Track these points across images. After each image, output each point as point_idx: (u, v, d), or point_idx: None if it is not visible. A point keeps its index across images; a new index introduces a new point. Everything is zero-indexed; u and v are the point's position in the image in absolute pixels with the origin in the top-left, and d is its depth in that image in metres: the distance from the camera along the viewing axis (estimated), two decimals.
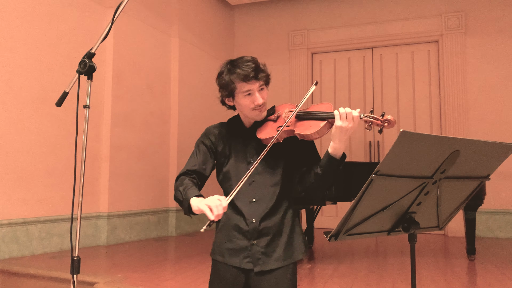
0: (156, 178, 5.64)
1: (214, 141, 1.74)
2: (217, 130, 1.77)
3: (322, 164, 1.57)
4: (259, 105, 1.64)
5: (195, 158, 1.74)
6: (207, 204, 1.46)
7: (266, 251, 1.63)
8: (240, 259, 1.65)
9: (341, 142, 1.52)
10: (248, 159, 1.69)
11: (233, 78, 1.61)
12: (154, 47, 5.68)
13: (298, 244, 1.69)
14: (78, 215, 1.60)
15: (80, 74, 1.59)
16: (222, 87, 1.67)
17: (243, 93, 1.63)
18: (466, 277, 3.65)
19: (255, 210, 1.65)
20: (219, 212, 1.43)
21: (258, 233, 1.64)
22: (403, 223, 1.40)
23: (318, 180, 1.59)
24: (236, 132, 1.75)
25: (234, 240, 1.66)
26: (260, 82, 1.63)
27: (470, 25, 6.21)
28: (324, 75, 7.03)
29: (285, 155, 1.68)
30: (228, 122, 1.80)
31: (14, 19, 4.09)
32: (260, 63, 1.68)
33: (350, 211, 1.29)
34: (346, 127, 1.48)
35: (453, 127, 6.12)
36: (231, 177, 1.70)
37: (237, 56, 1.72)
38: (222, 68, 1.68)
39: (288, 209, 1.70)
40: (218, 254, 1.71)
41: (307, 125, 1.58)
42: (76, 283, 1.56)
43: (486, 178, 1.40)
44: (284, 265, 1.64)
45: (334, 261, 4.17)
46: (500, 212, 5.79)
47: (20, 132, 4.11)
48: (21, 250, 4.06)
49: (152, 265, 3.86)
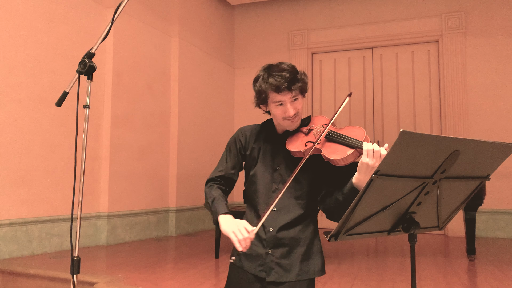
0: (156, 178, 5.64)
1: (244, 143, 1.73)
2: (249, 132, 1.75)
3: (344, 191, 1.53)
4: (290, 117, 1.60)
5: (223, 162, 1.74)
6: (235, 233, 1.45)
7: (280, 262, 1.61)
8: (255, 266, 1.63)
9: (366, 176, 1.46)
10: (275, 166, 1.67)
11: (265, 87, 1.57)
12: (154, 47, 5.68)
13: (315, 261, 1.65)
14: (78, 215, 1.60)
15: (80, 74, 1.59)
16: (256, 94, 1.64)
17: (275, 103, 1.59)
18: (466, 277, 3.65)
19: (274, 219, 1.62)
20: (246, 245, 1.44)
21: (275, 243, 1.62)
22: (403, 223, 1.40)
23: (337, 206, 1.55)
24: (268, 136, 1.72)
25: (252, 246, 1.62)
26: (292, 93, 1.57)
27: (470, 25, 6.21)
28: (324, 75, 7.03)
29: (311, 170, 1.63)
30: (262, 125, 1.77)
31: (14, 19, 4.09)
32: (299, 71, 1.61)
33: (350, 211, 1.29)
34: (373, 165, 1.43)
35: (453, 127, 6.12)
36: (256, 181, 1.68)
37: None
38: (259, 73, 1.64)
39: (309, 223, 1.67)
40: (236, 258, 1.69)
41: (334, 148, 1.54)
42: (76, 283, 1.56)
43: (486, 178, 1.40)
44: (298, 279, 1.60)
45: (334, 261, 4.17)
46: (500, 212, 5.79)
47: (20, 132, 4.11)
48: (21, 250, 4.06)
49: (152, 265, 3.86)
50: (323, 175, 1.65)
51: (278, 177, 1.65)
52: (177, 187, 5.87)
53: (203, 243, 5.18)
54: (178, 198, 5.88)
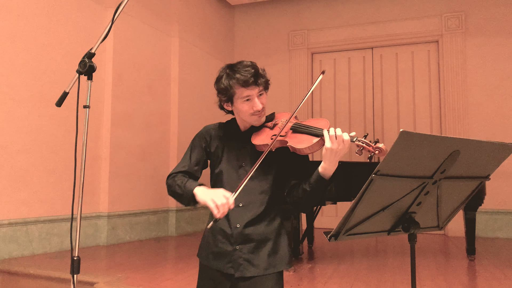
0: (156, 178, 5.64)
1: (209, 141, 1.74)
2: (214, 130, 1.76)
3: (311, 181, 1.54)
4: (258, 111, 1.62)
5: (187, 159, 1.74)
6: (213, 200, 1.45)
7: (248, 258, 1.62)
8: (223, 264, 1.64)
9: (331, 163, 1.48)
10: (239, 162, 1.68)
11: (232, 83, 1.59)
12: (154, 47, 5.68)
13: (283, 254, 1.66)
14: (78, 215, 1.60)
15: (80, 74, 1.59)
16: (221, 92, 1.65)
17: (242, 99, 1.61)
18: (466, 277, 3.65)
19: (240, 215, 1.63)
20: (224, 210, 1.44)
21: (242, 239, 1.62)
22: (403, 223, 1.40)
23: (305, 196, 1.57)
24: (231, 135, 1.74)
25: (219, 244, 1.65)
26: (259, 87, 1.61)
27: (470, 25, 6.21)
28: (324, 75, 7.01)
29: (277, 164, 1.65)
30: (225, 123, 1.79)
31: (14, 19, 4.09)
32: (260, 67, 1.65)
33: (350, 211, 1.29)
34: (336, 149, 1.44)
35: (453, 127, 6.12)
36: (222, 179, 1.69)
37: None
38: (220, 73, 1.66)
39: (275, 217, 1.68)
40: (204, 257, 1.71)
41: (300, 138, 1.56)
42: (76, 283, 1.56)
43: (486, 178, 1.40)
44: (266, 273, 1.61)
45: (334, 261, 4.17)
46: (500, 212, 5.79)
47: (20, 132, 4.11)
48: (21, 250, 4.06)
49: (152, 265, 3.86)
50: (288, 168, 1.67)
51: (244, 173, 1.65)
52: None
53: None
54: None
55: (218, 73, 1.67)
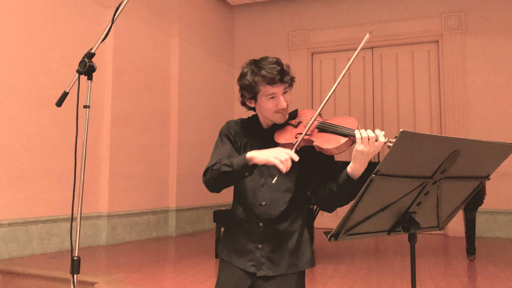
0: (156, 178, 5.64)
1: (234, 135, 1.69)
2: (237, 125, 1.71)
3: (338, 181, 1.50)
4: (283, 109, 1.58)
5: (219, 151, 1.64)
6: (276, 157, 1.40)
7: (270, 256, 1.59)
8: (245, 262, 1.61)
9: (361, 164, 1.44)
10: None
11: (258, 80, 1.54)
12: (154, 47, 5.68)
13: (305, 254, 1.63)
14: (78, 215, 1.60)
15: (80, 74, 1.59)
16: (245, 89, 1.60)
17: (266, 96, 1.56)
18: (466, 277, 3.65)
19: (263, 213, 1.60)
20: (288, 165, 1.40)
21: (264, 237, 1.60)
22: (403, 223, 1.40)
23: (332, 197, 1.53)
24: (254, 132, 1.69)
25: (241, 241, 1.63)
26: (285, 85, 1.56)
27: (470, 25, 6.21)
28: (324, 75, 7.03)
29: (301, 163, 1.55)
30: (247, 120, 1.74)
31: (14, 19, 4.09)
32: (284, 64, 1.60)
33: (350, 211, 1.29)
34: (368, 151, 1.40)
35: (453, 127, 6.12)
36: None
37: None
38: (244, 69, 1.61)
39: (298, 216, 1.65)
40: (225, 253, 1.68)
41: (327, 138, 1.51)
42: (76, 283, 1.56)
43: (486, 178, 1.40)
44: (289, 272, 1.59)
45: (334, 261, 4.17)
46: (500, 212, 5.79)
47: (20, 132, 4.11)
48: (21, 250, 4.06)
49: (152, 265, 3.86)
50: (313, 167, 1.62)
51: (266, 171, 1.62)
52: (177, 187, 5.87)
53: (203, 243, 5.18)
54: (178, 198, 5.88)
55: (242, 69, 1.62)
